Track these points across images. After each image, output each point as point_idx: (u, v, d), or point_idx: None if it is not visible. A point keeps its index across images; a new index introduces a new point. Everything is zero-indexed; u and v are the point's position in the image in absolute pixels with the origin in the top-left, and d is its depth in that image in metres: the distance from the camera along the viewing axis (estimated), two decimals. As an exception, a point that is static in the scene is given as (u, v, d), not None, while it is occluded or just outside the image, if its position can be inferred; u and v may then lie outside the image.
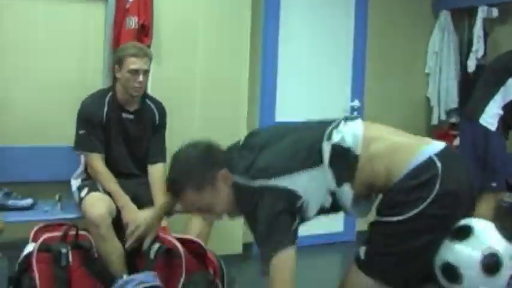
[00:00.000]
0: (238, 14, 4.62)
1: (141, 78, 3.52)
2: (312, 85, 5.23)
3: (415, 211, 2.19)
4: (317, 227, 5.01)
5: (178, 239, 3.26)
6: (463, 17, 5.74)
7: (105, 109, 3.60)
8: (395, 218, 2.23)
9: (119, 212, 3.44)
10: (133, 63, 3.51)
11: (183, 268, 3.14)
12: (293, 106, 5.07)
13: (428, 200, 2.18)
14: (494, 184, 4.21)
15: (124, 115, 3.66)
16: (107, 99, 3.63)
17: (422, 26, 5.79)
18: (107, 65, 4.08)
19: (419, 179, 2.21)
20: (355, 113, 5.35)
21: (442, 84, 5.68)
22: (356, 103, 5.41)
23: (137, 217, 3.28)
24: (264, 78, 4.94)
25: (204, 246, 3.33)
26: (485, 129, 4.23)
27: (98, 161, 3.56)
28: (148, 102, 3.78)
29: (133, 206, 3.48)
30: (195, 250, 3.29)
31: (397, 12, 5.65)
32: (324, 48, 5.28)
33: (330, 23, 5.29)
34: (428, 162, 2.23)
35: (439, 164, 2.22)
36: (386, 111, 5.51)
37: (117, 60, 3.60)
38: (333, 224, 5.31)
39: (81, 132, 3.57)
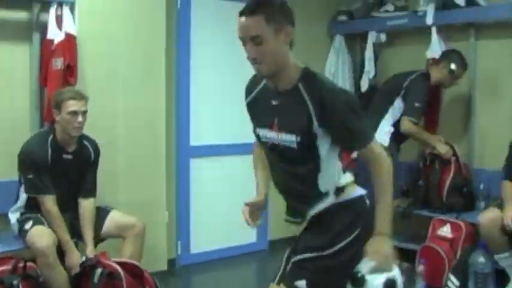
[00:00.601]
0: (155, 49, 4.84)
1: (80, 118, 3.81)
2: (223, 111, 5.46)
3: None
4: (231, 239, 5.51)
5: (118, 263, 3.61)
6: (356, 41, 6.11)
7: (49, 151, 3.85)
8: None
9: (59, 240, 3.74)
10: (72, 105, 3.79)
11: (124, 288, 3.48)
12: (207, 131, 5.37)
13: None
14: None
15: (64, 156, 3.93)
16: (49, 142, 3.87)
17: (319, 49, 6.10)
18: (34, 104, 4.26)
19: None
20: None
21: (338, 103, 6.08)
22: (265, 127, 5.73)
23: (78, 261, 3.71)
24: (179, 107, 5.16)
25: (140, 267, 3.70)
26: None
27: (51, 203, 3.80)
28: (85, 141, 4.06)
29: (76, 252, 3.82)
30: (133, 271, 3.65)
31: (296, 36, 6.00)
32: (232, 75, 5.39)
33: (237, 51, 5.55)
34: None
35: None
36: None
37: (55, 105, 3.85)
38: (246, 235, 5.67)
39: (30, 176, 3.79)
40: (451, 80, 4.96)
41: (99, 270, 3.50)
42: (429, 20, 5.25)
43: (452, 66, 4.88)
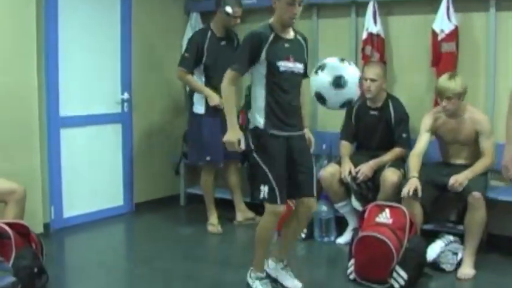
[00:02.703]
0: (25, 24, 4.97)
1: None
2: (90, 81, 5.73)
3: None
4: (100, 203, 5.86)
5: (5, 223, 3.92)
6: (211, 18, 6.40)
7: None
8: None
9: None
10: None
11: (12, 246, 3.78)
12: (75, 101, 5.60)
13: None
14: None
15: None
16: None
17: (176, 25, 6.50)
18: None
19: None
20: (126, 104, 6.02)
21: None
22: (126, 96, 6.02)
23: None
24: (48, 80, 5.33)
25: (27, 226, 4.03)
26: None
27: None
28: None
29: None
30: (20, 230, 3.97)
31: (156, 13, 6.28)
32: (97, 47, 5.75)
33: (101, 24, 5.78)
34: None
35: None
36: (151, 103, 6.33)
37: None
38: (114, 199, 6.09)
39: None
40: (233, 20, 5.41)
41: (-12, 231, 3.79)
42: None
43: (228, 9, 5.31)
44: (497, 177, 4.93)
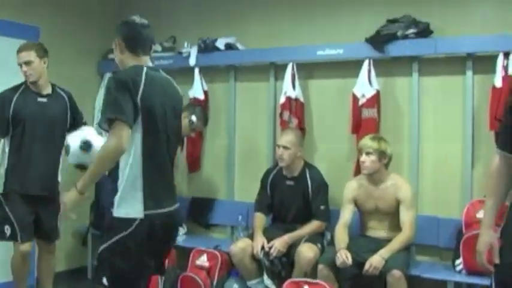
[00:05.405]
0: None
1: None
2: None
3: None
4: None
5: None
6: None
7: None
8: None
9: None
10: None
11: None
12: None
13: None
14: None
15: None
16: None
17: (89, 87, 6.17)
18: None
19: None
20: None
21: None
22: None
23: None
24: None
25: None
26: None
27: None
28: None
29: None
30: None
31: (67, 77, 5.62)
32: None
33: None
34: None
35: None
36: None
37: None
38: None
39: None
40: (190, 130, 5.18)
41: None
42: (192, 61, 5.54)
43: (193, 118, 5.11)
44: (423, 251, 4.65)
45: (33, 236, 4.53)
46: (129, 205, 2.90)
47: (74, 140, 3.66)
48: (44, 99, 4.55)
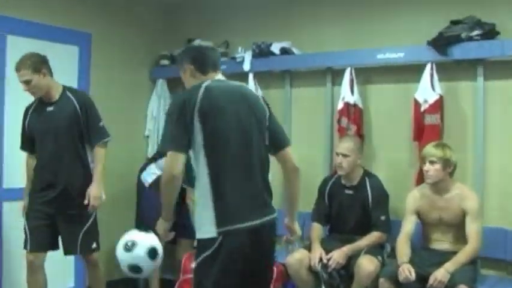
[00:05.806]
0: None
1: None
2: None
3: None
4: (50, 283, 5.26)
5: None
6: (178, 85, 6.19)
7: None
8: None
9: None
10: None
11: None
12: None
13: None
14: None
15: None
16: None
17: (141, 93, 6.15)
18: None
19: None
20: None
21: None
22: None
23: None
24: None
25: None
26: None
27: None
28: None
29: None
30: None
31: (118, 82, 5.89)
32: None
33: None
34: None
35: None
36: (110, 171, 5.82)
37: None
38: (65, 279, 5.51)
39: None
40: None
41: None
42: (246, 67, 5.42)
43: None
44: (489, 265, 4.42)
45: (44, 249, 4.43)
46: (203, 225, 2.94)
47: (119, 249, 3.48)
48: (51, 108, 4.41)
